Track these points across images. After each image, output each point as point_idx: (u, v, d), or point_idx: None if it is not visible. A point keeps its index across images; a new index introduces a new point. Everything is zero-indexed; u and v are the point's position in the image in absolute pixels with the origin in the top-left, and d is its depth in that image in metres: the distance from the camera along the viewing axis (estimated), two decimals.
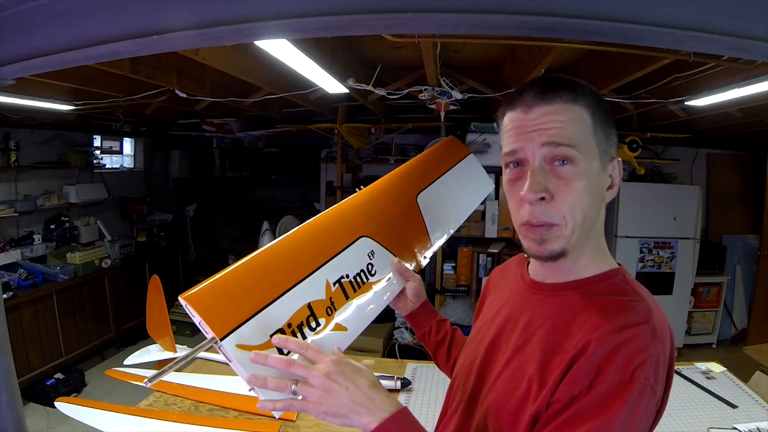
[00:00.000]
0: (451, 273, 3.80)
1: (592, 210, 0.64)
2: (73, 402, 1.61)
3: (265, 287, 0.71)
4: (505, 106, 0.68)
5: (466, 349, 0.83)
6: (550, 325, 0.65)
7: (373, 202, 0.98)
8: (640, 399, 0.55)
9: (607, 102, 0.67)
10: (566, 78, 0.66)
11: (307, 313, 0.73)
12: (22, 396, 1.30)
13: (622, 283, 0.67)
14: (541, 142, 0.62)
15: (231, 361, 0.65)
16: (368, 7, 0.43)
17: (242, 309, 0.67)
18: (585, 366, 0.57)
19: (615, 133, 0.68)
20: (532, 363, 0.63)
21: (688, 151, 4.20)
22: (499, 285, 0.86)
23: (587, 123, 0.63)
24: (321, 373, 0.63)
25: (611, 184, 0.68)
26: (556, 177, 0.62)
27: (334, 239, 0.84)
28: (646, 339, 0.57)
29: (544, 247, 0.64)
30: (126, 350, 4.08)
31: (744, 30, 0.41)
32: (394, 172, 1.08)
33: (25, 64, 0.54)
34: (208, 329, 0.64)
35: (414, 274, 0.95)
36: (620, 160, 0.68)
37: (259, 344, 0.66)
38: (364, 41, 2.20)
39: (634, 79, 1.99)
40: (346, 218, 0.91)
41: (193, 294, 0.66)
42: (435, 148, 1.24)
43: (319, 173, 4.60)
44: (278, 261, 0.76)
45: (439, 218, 1.07)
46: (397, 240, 0.95)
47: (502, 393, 0.66)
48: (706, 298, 4.10)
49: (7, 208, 3.43)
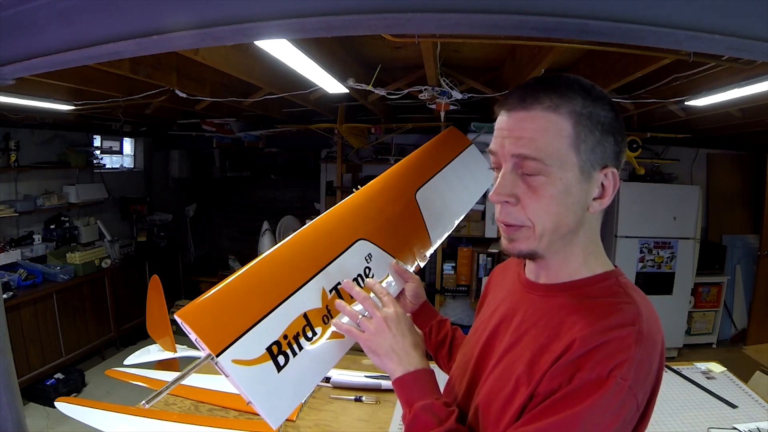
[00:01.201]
0: (451, 273, 3.80)
1: (566, 218, 0.63)
2: (73, 402, 1.61)
3: (260, 300, 0.70)
4: (498, 105, 0.69)
5: (464, 348, 0.84)
6: (541, 326, 0.66)
7: (370, 203, 0.95)
8: (614, 398, 0.55)
9: (614, 105, 0.64)
10: (559, 80, 0.63)
11: (303, 323, 0.72)
12: (22, 396, 1.30)
13: (614, 286, 0.66)
14: (510, 153, 0.63)
15: (228, 376, 0.65)
16: (368, 7, 0.43)
17: (237, 324, 0.66)
18: (565, 362, 0.58)
19: (615, 141, 0.63)
20: (520, 363, 0.64)
21: (688, 151, 4.20)
22: (499, 284, 0.87)
23: (565, 133, 0.61)
24: (382, 315, 0.73)
25: (602, 195, 0.65)
26: (525, 184, 0.63)
27: (331, 244, 0.82)
28: (628, 341, 0.57)
29: (513, 245, 0.67)
30: (126, 350, 4.07)
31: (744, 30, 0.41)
32: (392, 169, 1.05)
33: (25, 64, 0.54)
34: (204, 346, 0.64)
35: (413, 275, 0.94)
36: (615, 171, 0.64)
37: (256, 358, 0.66)
38: (364, 41, 2.20)
39: (634, 79, 1.99)
40: (343, 221, 0.89)
41: (188, 311, 0.65)
42: (434, 141, 1.19)
43: (319, 173, 4.60)
44: (273, 272, 0.75)
45: (438, 215, 1.04)
46: (396, 241, 0.93)
47: (490, 391, 0.67)
48: (706, 298, 4.10)
49: (7, 208, 3.43)
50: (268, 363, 0.67)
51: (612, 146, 0.63)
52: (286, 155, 5.51)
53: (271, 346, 0.68)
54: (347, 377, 1.69)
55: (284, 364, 0.68)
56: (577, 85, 0.63)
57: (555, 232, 0.64)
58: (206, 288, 0.70)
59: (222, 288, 0.70)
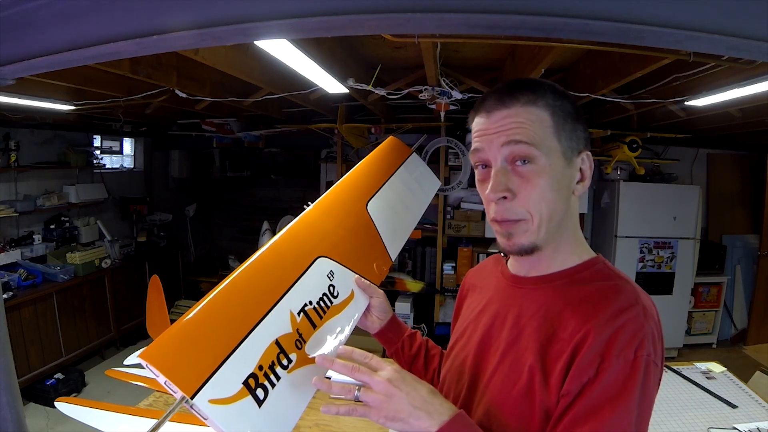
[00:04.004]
0: (451, 273, 3.81)
1: (558, 204, 0.67)
2: (73, 402, 1.61)
3: (228, 330, 0.65)
4: (473, 112, 0.72)
5: (451, 352, 0.83)
6: (540, 316, 0.67)
7: (323, 218, 0.93)
8: (647, 375, 0.58)
9: (574, 97, 0.70)
10: (527, 80, 0.69)
11: (277, 351, 0.68)
12: (22, 396, 1.30)
13: (604, 269, 0.70)
14: (501, 143, 0.65)
15: (207, 418, 0.60)
16: (368, 7, 0.43)
17: (208, 359, 0.61)
18: (589, 355, 0.59)
19: (584, 128, 0.70)
20: (529, 354, 0.65)
21: (688, 151, 4.20)
22: (478, 286, 0.87)
23: (546, 123, 0.66)
24: (384, 378, 0.65)
25: (582, 178, 0.70)
26: (518, 176, 0.66)
27: (291, 265, 0.78)
28: (640, 319, 0.60)
29: (513, 241, 0.68)
30: (126, 350, 4.08)
31: (744, 30, 0.41)
32: (340, 183, 1.03)
33: (25, 64, 0.54)
34: (176, 388, 0.58)
35: (377, 289, 0.91)
36: (589, 153, 0.70)
37: (233, 394, 0.61)
38: (364, 41, 2.21)
39: (634, 79, 1.99)
40: (299, 240, 0.85)
41: (153, 351, 0.59)
42: (376, 152, 1.17)
43: (319, 173, 4.60)
44: (236, 299, 0.70)
45: (391, 225, 1.02)
46: (355, 255, 0.90)
47: (502, 387, 0.67)
48: (706, 298, 4.11)
49: (7, 208, 3.43)
50: (247, 398, 0.62)
51: (582, 132, 0.70)
52: (286, 155, 5.51)
53: (247, 379, 0.63)
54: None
55: (264, 398, 0.64)
56: (543, 83, 0.69)
57: (550, 220, 0.66)
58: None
59: (185, 322, 0.64)
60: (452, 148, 3.67)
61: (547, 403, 0.61)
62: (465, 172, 3.67)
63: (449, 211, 3.83)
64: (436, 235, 3.81)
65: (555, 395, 0.61)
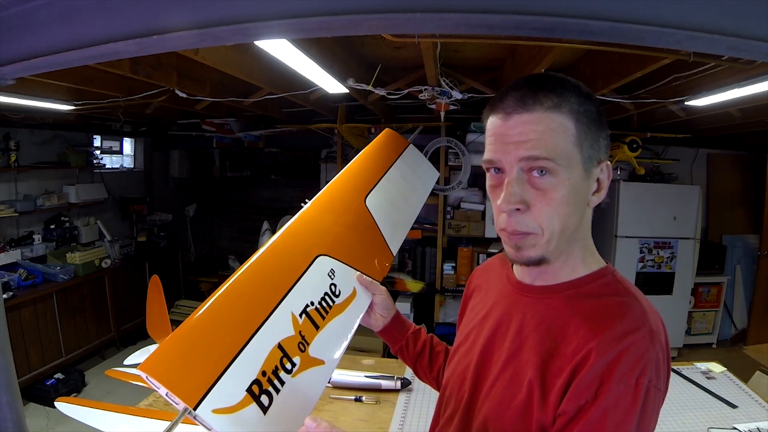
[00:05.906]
0: (451, 273, 3.80)
1: (572, 218, 0.63)
2: (73, 402, 1.61)
3: (229, 336, 0.64)
4: (488, 109, 0.66)
5: (455, 355, 0.81)
6: (543, 328, 0.65)
7: (322, 216, 0.91)
8: (647, 401, 0.56)
9: (599, 101, 0.65)
10: (552, 80, 0.63)
11: (280, 355, 0.67)
12: (22, 396, 1.30)
13: (612, 283, 0.66)
14: (519, 157, 0.60)
15: (211, 429, 0.58)
16: (368, 7, 0.43)
17: (209, 368, 0.59)
18: (589, 376, 0.57)
19: (606, 135, 0.65)
20: (529, 368, 0.63)
21: (688, 151, 4.20)
22: (484, 286, 0.84)
23: (569, 132, 0.60)
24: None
25: (598, 188, 0.66)
26: (533, 187, 0.61)
27: (291, 265, 0.77)
28: (645, 343, 0.58)
29: (521, 253, 0.64)
30: (126, 350, 4.08)
31: (744, 30, 0.41)
32: (337, 179, 1.01)
33: (25, 64, 0.54)
34: (178, 400, 0.56)
35: (379, 286, 0.89)
36: (609, 164, 0.66)
37: (237, 402, 0.59)
38: (364, 41, 2.20)
39: (634, 79, 1.99)
40: (299, 239, 0.83)
41: (152, 363, 0.58)
42: (372, 145, 1.15)
43: (319, 173, 4.60)
44: (236, 304, 0.68)
45: (391, 219, 1.01)
46: (355, 252, 0.88)
47: (501, 400, 0.65)
48: (706, 298, 4.10)
49: (7, 208, 3.43)
50: (251, 406, 0.60)
51: (605, 140, 0.65)
52: (286, 155, 5.50)
53: (251, 386, 0.61)
54: (347, 377, 1.69)
55: (269, 404, 0.62)
56: (569, 83, 0.63)
57: (562, 233, 0.63)
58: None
59: (183, 330, 0.62)
60: (452, 148, 3.67)
61: (544, 421, 0.60)
62: (465, 172, 3.67)
63: (449, 211, 3.83)
64: (436, 235, 3.81)
65: (552, 413, 0.59)
